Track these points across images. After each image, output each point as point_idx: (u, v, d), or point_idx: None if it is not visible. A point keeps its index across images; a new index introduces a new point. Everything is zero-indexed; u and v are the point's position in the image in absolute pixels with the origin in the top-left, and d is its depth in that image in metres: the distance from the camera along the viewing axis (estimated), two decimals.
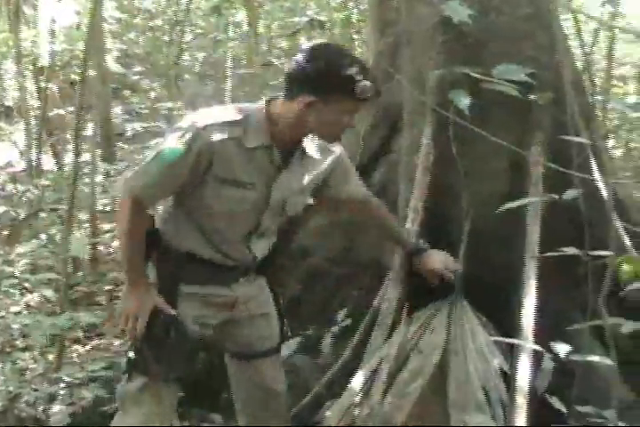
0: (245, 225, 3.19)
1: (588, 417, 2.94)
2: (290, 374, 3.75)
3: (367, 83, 2.90)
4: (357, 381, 3.40)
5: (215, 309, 3.30)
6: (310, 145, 3.21)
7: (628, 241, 3.86)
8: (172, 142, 2.96)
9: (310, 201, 3.38)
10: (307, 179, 3.25)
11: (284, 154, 3.12)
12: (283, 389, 3.54)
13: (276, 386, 3.50)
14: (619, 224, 3.76)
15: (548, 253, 3.04)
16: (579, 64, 5.64)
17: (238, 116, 3.02)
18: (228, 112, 3.04)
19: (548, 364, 2.76)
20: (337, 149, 3.34)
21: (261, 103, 3.10)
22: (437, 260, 3.63)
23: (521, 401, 3.19)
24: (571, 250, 2.73)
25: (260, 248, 3.31)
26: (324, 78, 2.91)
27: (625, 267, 3.07)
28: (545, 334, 3.32)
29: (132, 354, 3.19)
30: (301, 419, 3.85)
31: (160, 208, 3.36)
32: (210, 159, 2.97)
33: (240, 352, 3.47)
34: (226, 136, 2.97)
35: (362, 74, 2.92)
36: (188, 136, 2.95)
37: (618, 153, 10.26)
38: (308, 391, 4.04)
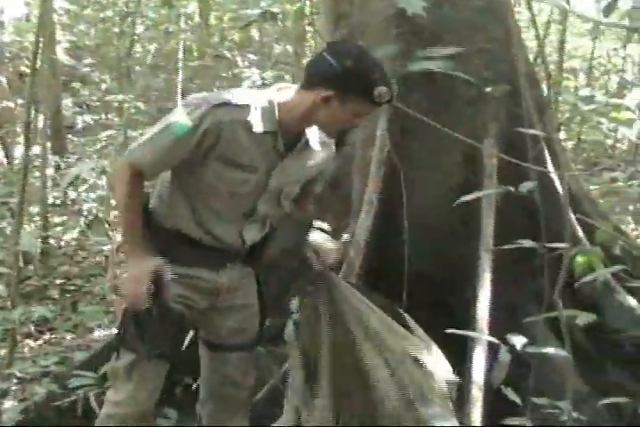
0: (240, 208, 3.18)
1: (543, 409, 2.94)
2: None
3: (385, 88, 2.92)
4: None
5: (199, 294, 3.27)
6: (313, 136, 3.20)
7: (581, 233, 3.89)
8: (182, 117, 2.94)
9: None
10: (305, 170, 3.25)
11: (288, 142, 3.11)
12: (251, 384, 3.53)
13: (244, 381, 3.48)
14: (572, 217, 3.77)
15: (504, 246, 3.03)
16: (531, 57, 5.68)
17: (249, 101, 3.01)
18: (239, 95, 3.03)
19: (504, 356, 2.75)
20: (332, 143, 3.33)
21: (273, 89, 3.11)
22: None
23: (476, 394, 3.20)
24: (527, 242, 2.72)
25: (251, 235, 3.28)
26: (348, 77, 2.91)
27: (579, 259, 3.07)
28: (500, 326, 3.33)
29: (119, 331, 3.21)
30: (257, 413, 3.82)
31: (153, 186, 3.35)
32: (216, 138, 2.97)
33: (214, 343, 3.45)
34: (235, 117, 2.97)
35: (383, 79, 2.94)
36: (198, 112, 2.94)
37: (569, 145, 10.34)
38: (264, 384, 4.01)
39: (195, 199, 3.15)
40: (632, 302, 3.88)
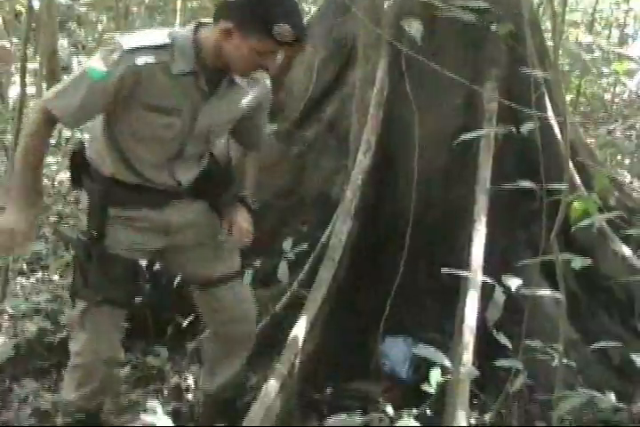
0: (168, 151, 3.08)
1: (534, 354, 2.93)
2: None
3: (287, 26, 2.71)
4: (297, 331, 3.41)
5: (148, 235, 3.20)
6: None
7: (579, 181, 3.86)
8: (97, 63, 2.81)
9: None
10: (234, 108, 3.12)
11: (212, 81, 2.97)
12: (251, 316, 3.50)
13: (242, 313, 3.45)
14: (571, 165, 3.74)
15: (503, 186, 3.00)
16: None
17: (166, 41, 2.86)
18: (156, 36, 2.88)
19: (498, 296, 2.74)
20: (266, 81, 3.18)
21: (190, 27, 2.94)
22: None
23: (468, 338, 3.19)
24: (526, 183, 2.69)
25: (185, 174, 3.18)
26: (245, 8, 2.73)
27: (576, 204, 3.03)
28: (493, 272, 3.31)
29: (71, 278, 3.18)
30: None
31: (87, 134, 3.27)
32: (134, 84, 2.84)
33: (195, 281, 3.42)
34: (152, 61, 2.83)
35: (288, 15, 2.74)
36: (113, 57, 2.80)
37: (567, 98, 10.24)
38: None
39: (122, 146, 3.04)
40: (626, 250, 3.87)
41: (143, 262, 3.26)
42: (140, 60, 2.81)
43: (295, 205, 4.31)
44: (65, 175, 8.06)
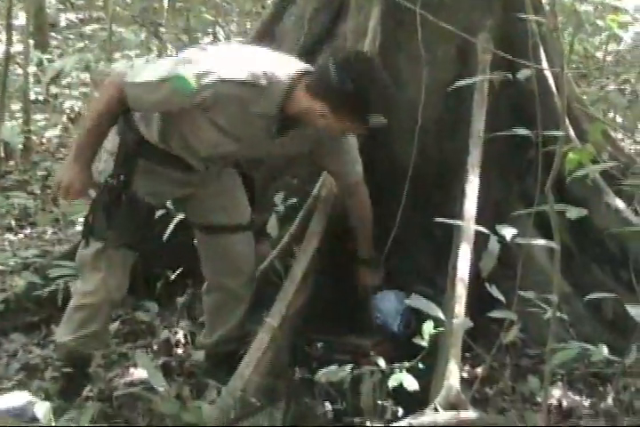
0: (208, 156, 3.20)
1: (527, 305, 2.89)
2: None
3: (379, 118, 2.95)
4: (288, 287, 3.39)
5: (174, 186, 3.31)
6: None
7: (572, 131, 3.80)
8: (189, 75, 2.88)
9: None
10: (292, 148, 3.28)
11: (284, 123, 3.08)
12: (251, 269, 3.55)
13: (244, 264, 3.51)
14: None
15: (498, 134, 2.93)
16: None
17: (263, 82, 2.94)
18: (256, 70, 2.94)
19: (493, 245, 2.69)
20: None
21: (291, 72, 3.00)
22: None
23: (460, 291, 3.16)
24: (522, 131, 2.63)
25: (213, 166, 3.32)
26: (346, 100, 2.92)
27: (571, 155, 2.97)
28: (486, 223, 3.26)
29: (88, 219, 3.24)
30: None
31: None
32: (212, 105, 2.94)
33: (206, 225, 3.47)
34: (236, 93, 2.91)
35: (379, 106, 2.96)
36: (206, 80, 2.87)
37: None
38: None
39: (169, 130, 3.16)
40: (619, 203, 3.82)
41: None
42: (227, 91, 2.90)
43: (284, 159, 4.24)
44: (54, 133, 7.99)
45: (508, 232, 2.55)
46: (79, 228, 5.44)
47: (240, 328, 3.60)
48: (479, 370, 3.43)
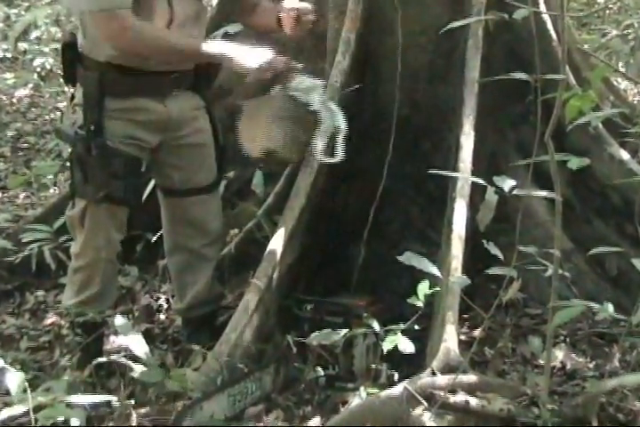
0: (161, 16, 3.12)
1: (527, 263, 2.87)
2: None
3: None
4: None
5: (147, 130, 3.26)
6: None
7: (572, 79, 3.76)
8: None
9: None
10: None
11: None
12: (217, 231, 3.56)
13: (209, 226, 3.51)
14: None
15: (493, 78, 2.88)
16: None
17: None
18: None
19: (491, 197, 2.65)
20: None
21: None
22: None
23: (457, 247, 3.13)
24: (519, 75, 2.58)
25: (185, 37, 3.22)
26: None
27: (572, 102, 2.93)
28: (481, 175, 3.23)
29: (70, 177, 3.27)
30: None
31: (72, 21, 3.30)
32: None
33: (171, 188, 3.47)
34: None
35: None
36: None
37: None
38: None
39: None
40: (623, 154, 3.78)
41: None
42: None
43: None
44: (24, 92, 7.91)
45: (507, 184, 2.51)
46: (53, 191, 5.42)
47: (210, 290, 3.59)
48: (477, 331, 3.41)
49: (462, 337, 3.35)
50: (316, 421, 2.91)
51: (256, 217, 3.88)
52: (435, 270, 2.57)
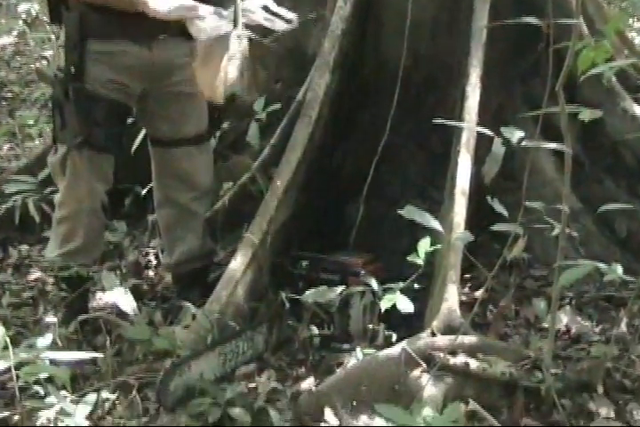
0: None
1: (534, 217, 2.84)
2: None
3: None
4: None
5: (129, 74, 3.22)
6: None
7: (586, 30, 3.71)
8: None
9: None
10: None
11: None
12: (207, 184, 3.53)
13: (199, 179, 3.49)
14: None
15: (504, 22, 2.84)
16: None
17: None
18: None
19: (497, 148, 2.61)
20: None
21: None
22: None
23: (460, 203, 3.12)
24: (531, 20, 2.53)
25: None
26: None
27: (585, 53, 2.88)
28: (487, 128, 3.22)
29: (51, 121, 3.26)
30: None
31: None
32: None
33: (160, 139, 3.45)
34: None
35: None
36: None
37: None
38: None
39: None
40: (637, 109, 3.75)
41: None
42: None
43: (267, 61, 4.16)
44: (8, 39, 7.85)
45: (515, 135, 2.47)
46: (38, 141, 5.39)
47: (201, 246, 3.57)
48: (479, 292, 3.39)
49: (464, 298, 3.34)
50: (310, 382, 2.90)
51: (250, 170, 3.85)
52: (436, 225, 2.54)
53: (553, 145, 2.53)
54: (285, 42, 4.07)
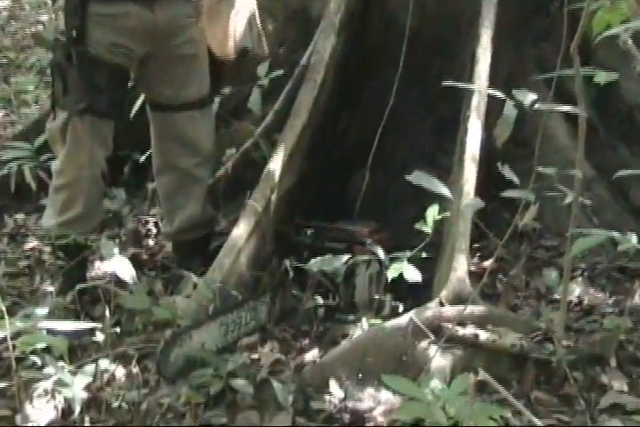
0: None
1: (546, 185, 2.82)
2: None
3: None
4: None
5: (131, 37, 3.20)
6: None
7: None
8: None
9: None
10: None
11: None
12: (208, 149, 3.51)
13: (201, 144, 3.47)
14: None
15: None
16: None
17: None
18: None
19: (509, 111, 2.57)
20: None
21: None
22: None
23: (470, 169, 3.09)
24: None
25: None
26: None
27: (600, 14, 2.85)
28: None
29: (51, 86, 3.25)
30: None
31: None
32: None
33: (160, 103, 3.43)
34: None
35: None
36: None
37: None
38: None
39: None
40: None
41: None
42: None
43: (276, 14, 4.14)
44: (2, 3, 7.82)
45: (527, 97, 2.44)
46: (34, 108, 5.37)
47: (202, 213, 3.56)
48: (489, 262, 3.37)
49: (473, 268, 3.32)
50: (314, 353, 2.89)
51: (253, 137, 3.83)
52: (445, 191, 2.51)
53: (567, 108, 2.49)
54: (289, 3, 4.04)
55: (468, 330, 2.64)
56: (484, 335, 2.64)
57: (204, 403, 2.58)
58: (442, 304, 2.74)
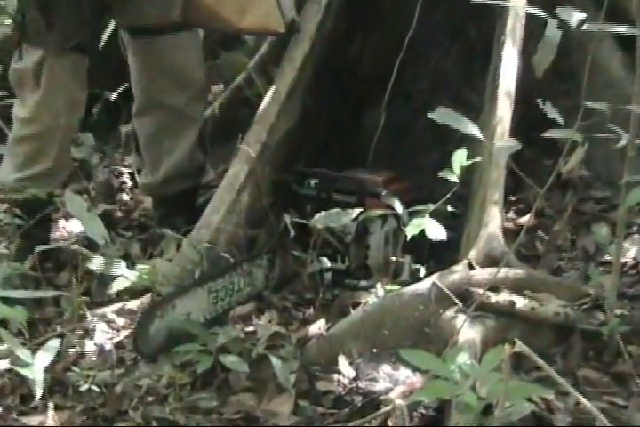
0: None
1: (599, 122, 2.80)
2: None
3: None
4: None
5: None
6: None
7: None
8: None
9: None
10: None
11: None
12: (198, 81, 3.54)
13: (189, 75, 3.49)
14: None
15: None
16: None
17: None
18: None
19: (552, 32, 2.53)
20: None
21: None
22: None
23: (504, 106, 3.09)
24: None
25: None
26: None
27: None
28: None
29: (18, 20, 3.24)
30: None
31: None
32: None
33: (143, 25, 3.41)
34: None
35: None
36: None
37: None
38: None
39: None
40: None
41: None
42: None
43: None
44: None
45: (573, 16, 2.40)
46: None
47: (190, 159, 3.58)
48: (527, 217, 3.38)
49: (508, 224, 3.32)
50: (320, 325, 2.87)
51: (246, 70, 3.83)
52: (475, 131, 2.48)
53: (621, 28, 2.46)
54: None
55: (502, 296, 2.63)
56: (520, 303, 2.63)
57: (190, 384, 2.59)
58: (471, 266, 2.74)
